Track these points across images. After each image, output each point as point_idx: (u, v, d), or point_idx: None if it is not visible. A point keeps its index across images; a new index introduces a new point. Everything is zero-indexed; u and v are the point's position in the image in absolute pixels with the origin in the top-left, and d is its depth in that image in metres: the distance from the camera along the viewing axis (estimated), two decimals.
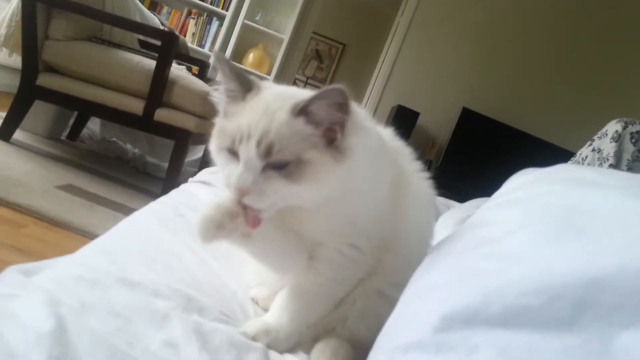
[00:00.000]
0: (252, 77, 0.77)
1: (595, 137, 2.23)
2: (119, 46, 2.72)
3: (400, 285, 0.65)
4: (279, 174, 0.67)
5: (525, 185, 0.68)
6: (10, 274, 0.61)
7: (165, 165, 2.91)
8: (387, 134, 0.91)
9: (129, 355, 0.50)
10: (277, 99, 0.71)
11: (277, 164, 0.67)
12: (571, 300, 0.42)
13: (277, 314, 0.78)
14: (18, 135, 2.63)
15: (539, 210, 0.56)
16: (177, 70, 2.70)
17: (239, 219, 0.70)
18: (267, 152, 0.67)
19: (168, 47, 2.51)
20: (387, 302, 0.75)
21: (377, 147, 0.79)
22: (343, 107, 0.68)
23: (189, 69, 3.75)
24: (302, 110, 0.68)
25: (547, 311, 0.42)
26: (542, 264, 0.46)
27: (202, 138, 2.84)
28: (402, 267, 0.76)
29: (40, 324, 0.49)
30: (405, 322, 0.51)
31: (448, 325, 0.45)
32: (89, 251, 0.75)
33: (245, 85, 0.74)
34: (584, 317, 0.41)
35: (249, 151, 0.67)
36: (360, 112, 0.77)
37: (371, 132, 0.79)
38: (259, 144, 0.67)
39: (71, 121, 3.25)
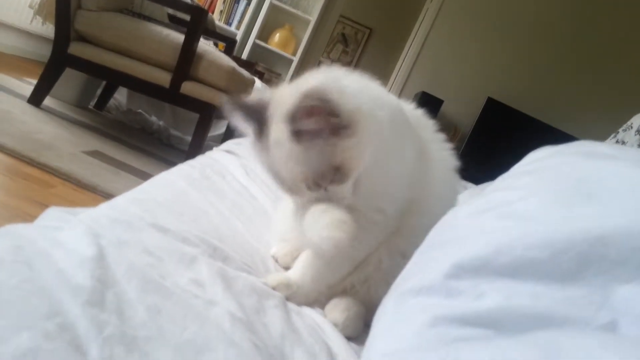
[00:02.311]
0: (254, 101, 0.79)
1: (620, 130, 2.22)
2: (148, 19, 2.76)
3: None
4: (334, 180, 0.75)
5: (543, 158, 0.69)
6: (53, 212, 0.66)
7: (189, 138, 2.96)
8: (408, 106, 0.93)
9: (162, 285, 0.54)
10: (279, 139, 0.74)
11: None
12: (576, 255, 0.44)
13: (300, 271, 0.81)
14: (48, 102, 2.70)
15: (553, 178, 0.58)
16: (205, 45, 2.74)
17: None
18: (312, 184, 0.75)
19: (197, 21, 2.53)
20: None
21: (391, 114, 0.79)
22: (327, 112, 0.69)
23: (216, 45, 3.79)
24: (299, 139, 0.72)
25: (553, 264, 0.44)
26: (552, 222, 0.48)
27: None
28: (426, 230, 0.78)
29: (83, 250, 0.53)
30: (418, 269, 0.54)
31: (458, 273, 0.48)
32: (122, 200, 0.80)
33: (256, 127, 0.78)
34: (587, 270, 0.43)
35: (303, 195, 0.78)
36: (351, 85, 0.76)
37: (376, 101, 0.78)
38: (306, 184, 0.75)
39: (99, 91, 3.32)
